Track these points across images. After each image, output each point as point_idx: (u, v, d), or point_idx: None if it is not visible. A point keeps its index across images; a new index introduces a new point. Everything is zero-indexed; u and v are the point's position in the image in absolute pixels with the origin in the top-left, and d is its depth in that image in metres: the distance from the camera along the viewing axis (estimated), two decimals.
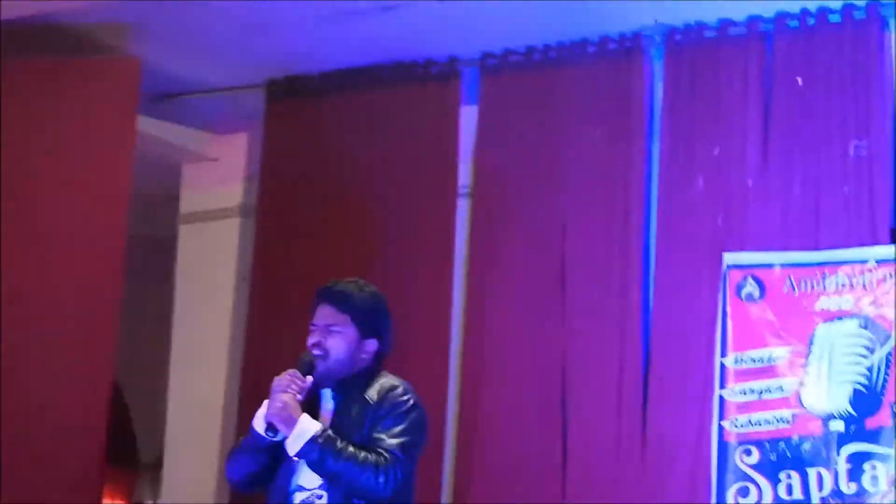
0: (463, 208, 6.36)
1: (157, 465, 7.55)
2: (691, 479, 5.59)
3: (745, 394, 5.54)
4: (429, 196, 6.41)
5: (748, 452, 5.50)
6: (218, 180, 7.08)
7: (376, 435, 3.41)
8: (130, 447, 8.32)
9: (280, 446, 3.47)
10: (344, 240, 6.50)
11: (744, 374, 5.56)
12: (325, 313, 3.61)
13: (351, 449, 3.34)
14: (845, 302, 5.46)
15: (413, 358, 6.18)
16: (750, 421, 5.51)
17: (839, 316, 5.45)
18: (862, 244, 5.47)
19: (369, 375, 3.58)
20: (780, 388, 5.50)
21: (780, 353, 5.53)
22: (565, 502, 5.80)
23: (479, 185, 6.34)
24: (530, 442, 5.96)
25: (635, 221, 5.91)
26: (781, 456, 5.43)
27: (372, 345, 3.61)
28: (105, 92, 6.08)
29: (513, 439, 5.98)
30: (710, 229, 5.75)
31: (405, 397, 3.51)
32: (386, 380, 3.56)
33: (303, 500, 3.44)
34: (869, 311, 5.40)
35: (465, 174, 6.39)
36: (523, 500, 5.84)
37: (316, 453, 3.35)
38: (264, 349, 6.62)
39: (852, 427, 5.35)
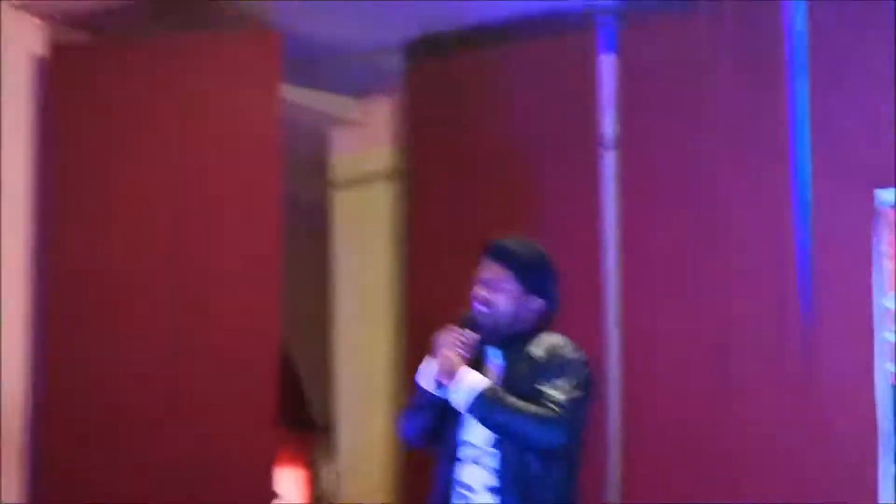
0: (609, 162, 6.27)
1: (329, 427, 7.70)
2: (858, 421, 5.46)
3: None
4: (574, 149, 6.33)
5: None
6: (366, 144, 7.14)
7: (544, 389, 3.40)
8: (304, 410, 8.47)
9: (449, 402, 3.50)
10: (491, 197, 6.48)
11: None
12: (490, 269, 3.63)
13: (518, 403, 3.35)
14: None
15: (566, 319, 6.20)
16: None
17: None
18: None
19: (535, 333, 3.58)
20: None
21: None
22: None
23: (623, 137, 6.23)
24: (693, 387, 5.89)
25: (787, 164, 5.74)
26: None
27: (537, 302, 3.62)
28: (250, 65, 6.18)
29: (673, 397, 5.91)
30: (864, 166, 5.56)
31: (574, 354, 3.51)
32: (553, 338, 3.57)
33: (472, 457, 3.46)
34: None
35: (609, 127, 6.29)
36: (687, 441, 5.80)
37: (482, 407, 3.37)
38: (425, 307, 6.67)
39: None
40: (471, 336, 3.53)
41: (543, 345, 3.53)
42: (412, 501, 6.65)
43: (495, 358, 3.60)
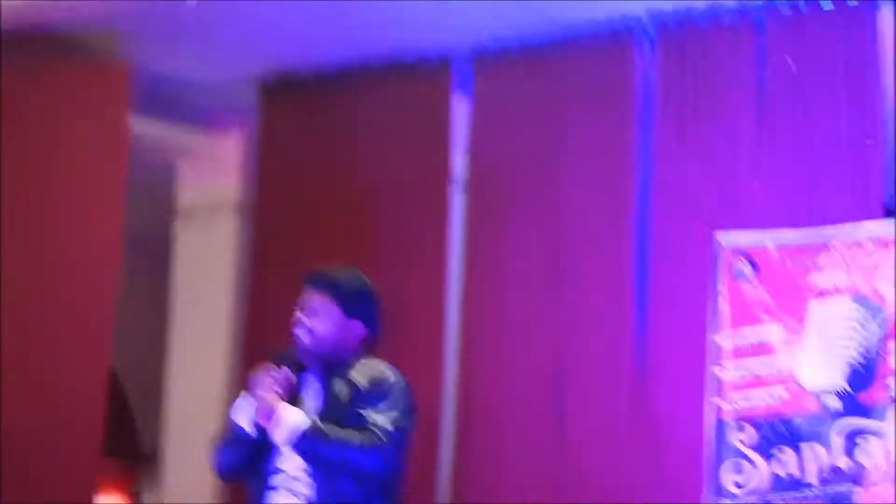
0: (458, 201, 6.40)
1: (155, 457, 7.59)
2: (686, 457, 5.62)
3: (739, 372, 5.60)
4: (424, 189, 6.45)
5: (742, 430, 5.53)
6: (213, 177, 7.14)
7: (367, 415, 3.42)
8: (131, 438, 8.34)
9: (265, 440, 3.49)
10: (339, 234, 6.56)
11: (738, 353, 5.60)
12: (311, 296, 3.67)
13: (342, 434, 3.37)
14: (839, 279, 5.48)
15: (408, 350, 6.22)
16: (745, 398, 5.56)
17: (833, 293, 5.49)
18: (856, 220, 5.51)
19: (356, 359, 3.61)
20: (775, 366, 5.54)
21: (774, 331, 5.56)
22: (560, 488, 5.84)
23: (473, 176, 6.38)
24: (527, 429, 6.00)
25: (631, 206, 5.97)
26: (776, 433, 5.46)
27: (357, 327, 3.67)
28: (98, 96, 6.17)
29: (510, 425, 6.02)
30: (705, 210, 5.80)
31: (393, 379, 3.55)
32: (371, 363, 3.61)
33: (282, 482, 3.46)
34: (862, 287, 5.43)
35: (459, 167, 6.43)
36: (522, 479, 5.87)
37: (309, 445, 3.37)
38: (261, 341, 6.65)
39: (846, 402, 5.38)
40: (286, 373, 3.55)
41: (365, 370, 3.58)
42: None
43: (313, 385, 3.62)
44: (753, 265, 5.65)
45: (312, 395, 3.59)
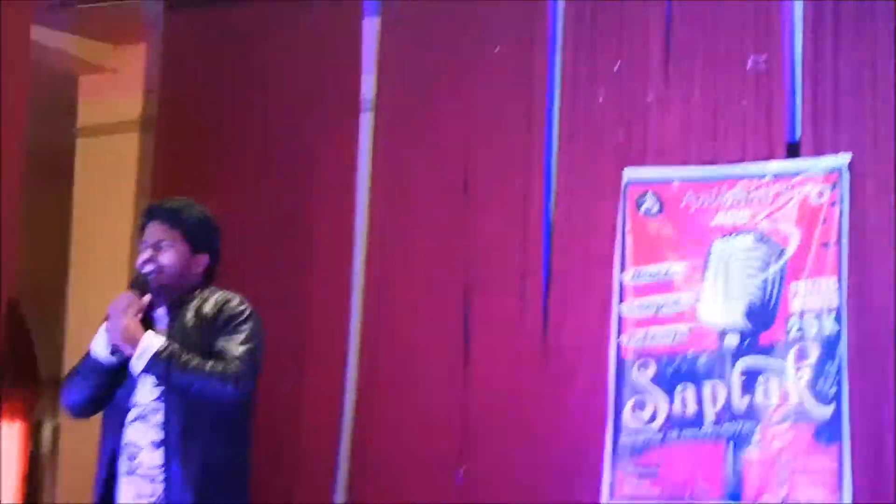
0: (366, 122, 6.30)
1: (58, 382, 7.47)
2: (589, 393, 5.63)
3: (642, 309, 5.61)
4: (331, 109, 6.34)
5: (645, 366, 5.56)
6: (116, 92, 6.93)
7: (219, 344, 3.40)
8: (30, 364, 8.23)
9: (120, 368, 3.44)
10: (245, 152, 6.45)
11: (642, 290, 5.61)
12: (156, 230, 3.61)
13: (197, 360, 3.34)
14: (742, 217, 5.50)
15: (316, 272, 6.23)
16: (647, 336, 5.57)
17: (736, 231, 5.50)
18: (759, 159, 5.51)
19: (202, 290, 3.57)
20: (677, 303, 5.56)
21: (677, 268, 5.57)
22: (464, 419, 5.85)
23: (381, 98, 6.27)
24: (432, 354, 5.98)
25: (538, 135, 5.91)
26: (677, 370, 5.50)
27: (203, 260, 3.62)
28: None
29: (415, 354, 5.99)
30: (611, 144, 5.76)
31: (241, 307, 3.53)
32: (220, 294, 3.57)
33: (138, 415, 3.42)
34: (764, 226, 5.45)
35: (368, 88, 6.32)
36: (425, 407, 5.87)
37: (161, 368, 3.35)
38: None
39: (747, 341, 5.43)
40: (142, 299, 3.50)
41: (211, 301, 3.54)
42: None
43: (162, 319, 3.58)
44: (659, 200, 5.64)
45: (160, 326, 3.54)
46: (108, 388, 3.50)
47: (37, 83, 5.98)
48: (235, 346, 3.39)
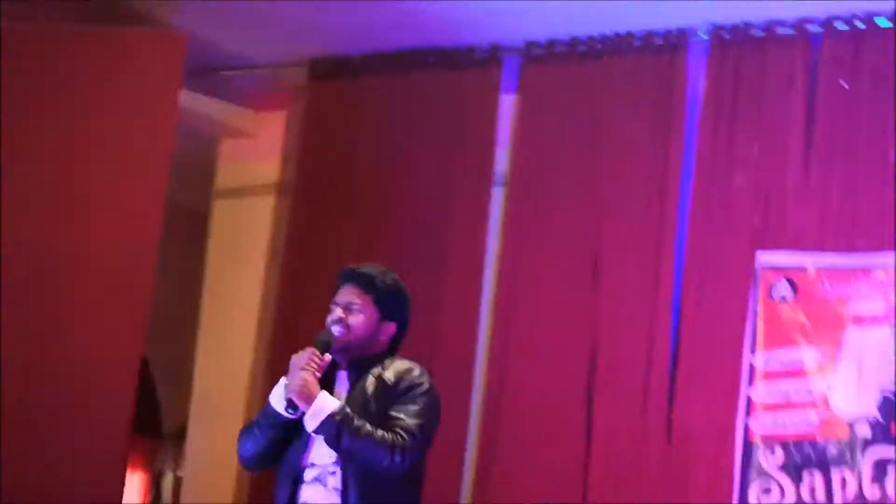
0: (498, 197, 6.38)
1: (180, 435, 7.63)
2: (714, 477, 5.60)
3: (772, 394, 5.58)
4: (465, 182, 6.43)
5: (772, 452, 5.52)
6: (255, 157, 7.11)
7: (393, 414, 3.44)
8: (154, 416, 8.38)
9: (295, 424, 3.50)
10: (377, 222, 6.56)
11: (772, 375, 5.59)
12: (348, 292, 3.67)
13: (368, 427, 3.38)
14: (877, 307, 5.46)
15: (441, 344, 6.28)
16: (776, 421, 5.54)
17: (871, 321, 5.47)
18: None
19: (385, 358, 3.62)
20: (808, 391, 5.52)
21: (809, 355, 5.54)
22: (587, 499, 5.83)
23: (515, 173, 6.35)
24: (555, 434, 5.97)
25: (671, 216, 5.93)
26: (806, 457, 5.46)
27: (390, 328, 3.67)
28: (150, 64, 6.08)
29: (537, 431, 5.99)
30: (746, 227, 5.75)
31: (421, 379, 3.56)
32: (401, 362, 3.62)
33: (315, 476, 3.47)
34: None
35: (501, 163, 6.40)
36: (545, 493, 5.85)
37: (333, 429, 3.38)
38: (293, 326, 6.67)
39: (878, 432, 5.36)
40: (325, 358, 3.56)
41: (393, 369, 3.59)
42: None
43: (342, 382, 3.63)
44: (792, 287, 5.62)
45: (341, 388, 3.59)
46: (283, 443, 3.55)
47: (179, 145, 6.16)
48: (408, 416, 3.42)
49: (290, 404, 3.47)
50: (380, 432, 3.38)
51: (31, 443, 5.56)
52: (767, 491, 5.49)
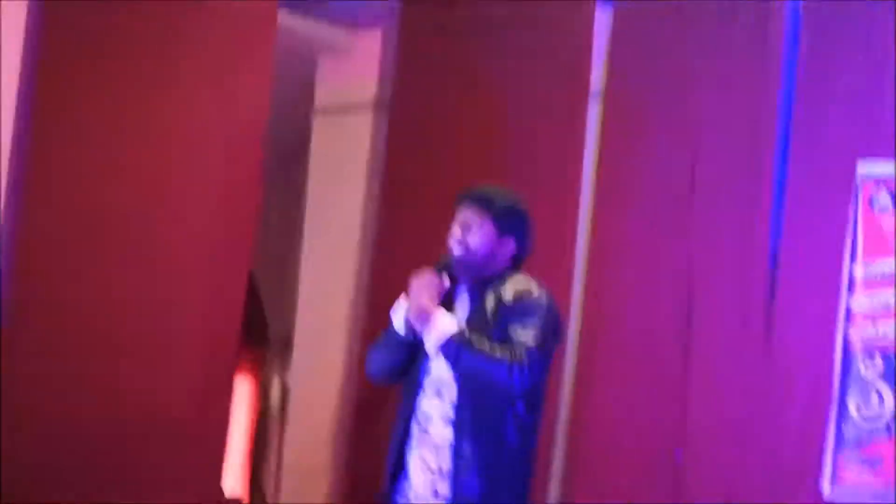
0: (594, 111, 6.38)
1: (287, 343, 7.83)
2: (814, 387, 5.63)
3: (872, 304, 5.58)
4: (560, 98, 6.41)
5: (872, 362, 5.55)
6: (353, 75, 7.18)
7: (511, 332, 3.47)
8: (260, 325, 8.58)
9: (418, 341, 3.56)
10: (473, 139, 6.59)
11: (872, 284, 5.58)
12: (467, 213, 3.70)
13: (486, 346, 3.41)
14: None
15: (535, 263, 6.33)
16: (876, 331, 5.55)
17: None
18: None
19: (505, 276, 3.66)
20: None
21: None
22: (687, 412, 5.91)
23: (610, 89, 6.34)
24: (651, 348, 6.04)
25: (771, 128, 5.89)
26: None
27: (510, 245, 3.70)
28: None
29: (636, 346, 6.07)
30: (846, 138, 5.71)
31: (540, 298, 3.59)
32: (521, 281, 3.64)
33: (434, 388, 3.54)
34: None
35: (597, 77, 6.39)
36: (644, 408, 5.95)
37: (452, 351, 3.43)
38: (394, 241, 6.80)
39: None
40: (444, 279, 3.60)
41: (513, 287, 3.61)
42: (359, 421, 6.85)
43: (464, 300, 3.67)
44: (892, 196, 5.59)
45: (462, 307, 3.66)
46: (407, 360, 3.62)
47: (278, 64, 6.24)
48: (527, 335, 3.45)
49: (410, 326, 3.53)
50: (498, 352, 3.42)
51: (143, 354, 5.77)
52: (867, 400, 5.53)
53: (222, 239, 6.05)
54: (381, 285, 6.53)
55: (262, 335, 8.72)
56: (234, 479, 8.60)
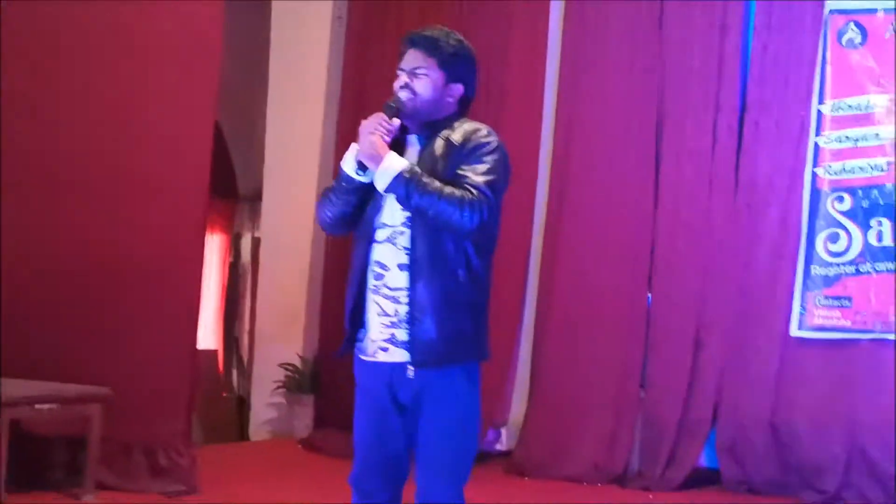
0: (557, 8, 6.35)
1: (256, 197, 7.80)
2: (782, 224, 5.68)
3: (840, 141, 5.58)
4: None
5: (840, 199, 5.56)
6: None
7: (461, 172, 3.46)
8: (229, 180, 8.53)
9: (368, 188, 3.55)
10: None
11: (840, 122, 5.58)
12: (413, 57, 3.63)
13: (437, 184, 3.40)
14: None
15: (508, 98, 6.35)
16: (844, 168, 5.56)
17: None
18: None
19: (453, 119, 3.64)
20: (877, 136, 5.52)
21: (878, 100, 5.51)
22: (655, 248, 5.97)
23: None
24: (622, 185, 6.06)
25: None
26: (874, 203, 5.50)
27: (457, 89, 3.64)
28: None
29: (605, 183, 6.09)
30: None
31: (489, 138, 3.55)
32: (470, 124, 3.61)
33: (387, 237, 3.54)
34: None
35: None
36: (613, 235, 6.01)
37: (402, 188, 3.41)
38: (360, 88, 6.75)
39: None
40: (394, 122, 3.57)
41: (461, 130, 3.57)
42: (329, 269, 6.93)
43: (413, 145, 3.65)
44: (862, 31, 5.55)
45: (411, 153, 3.64)
46: (358, 207, 3.61)
47: None
48: (476, 174, 3.42)
49: (361, 166, 3.51)
50: (448, 188, 3.40)
51: (116, 206, 5.74)
52: (835, 237, 5.56)
53: (186, 89, 5.96)
54: (347, 134, 6.50)
55: (231, 190, 8.69)
56: (208, 331, 8.68)
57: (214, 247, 8.94)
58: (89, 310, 5.60)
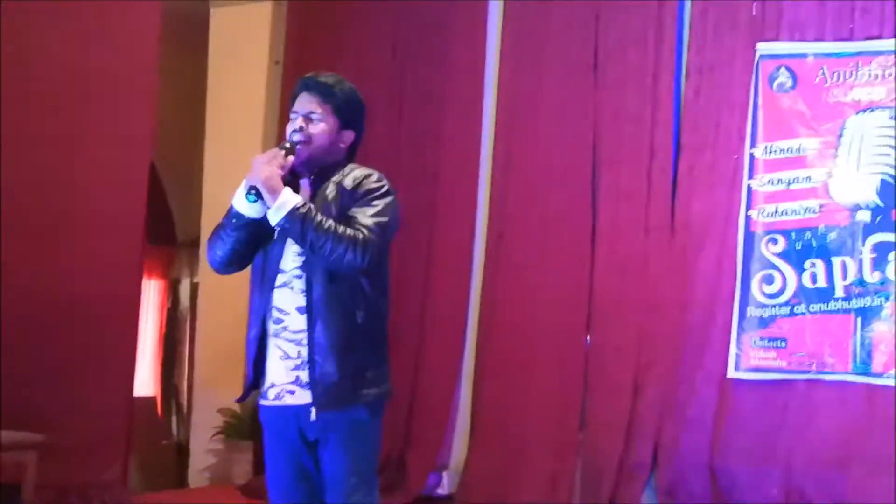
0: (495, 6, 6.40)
1: (194, 243, 7.76)
2: (717, 266, 5.72)
3: (773, 184, 5.64)
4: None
5: (774, 241, 5.62)
6: None
7: (351, 214, 3.52)
8: (167, 226, 8.49)
9: (258, 227, 3.58)
10: (372, 29, 6.54)
11: (773, 165, 5.64)
12: (307, 101, 3.67)
13: (330, 222, 3.46)
14: (877, 93, 5.47)
15: (443, 146, 6.40)
16: (777, 210, 5.62)
17: (870, 107, 5.48)
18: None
19: (343, 165, 3.69)
20: (809, 179, 5.58)
21: (809, 143, 5.58)
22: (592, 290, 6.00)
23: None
24: (559, 228, 6.11)
25: (669, 9, 5.91)
26: (807, 245, 5.55)
27: (349, 136, 3.71)
28: None
29: (541, 228, 6.14)
30: (745, 18, 5.73)
31: (379, 183, 3.62)
32: (360, 170, 3.68)
33: (284, 282, 3.56)
34: None
35: None
36: (551, 279, 6.03)
37: (298, 223, 3.44)
38: None
39: (878, 217, 5.44)
40: (288, 160, 3.60)
41: (352, 175, 3.64)
42: None
43: (304, 190, 3.68)
44: (792, 76, 5.63)
45: (304, 196, 3.67)
46: (248, 245, 3.62)
47: None
48: (367, 216, 3.49)
49: (256, 193, 3.52)
50: (341, 228, 3.47)
51: (50, 253, 5.67)
52: (769, 279, 5.61)
53: (120, 130, 5.92)
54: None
55: (169, 236, 8.64)
56: (147, 377, 8.61)
57: (153, 293, 8.88)
58: (26, 353, 5.53)
